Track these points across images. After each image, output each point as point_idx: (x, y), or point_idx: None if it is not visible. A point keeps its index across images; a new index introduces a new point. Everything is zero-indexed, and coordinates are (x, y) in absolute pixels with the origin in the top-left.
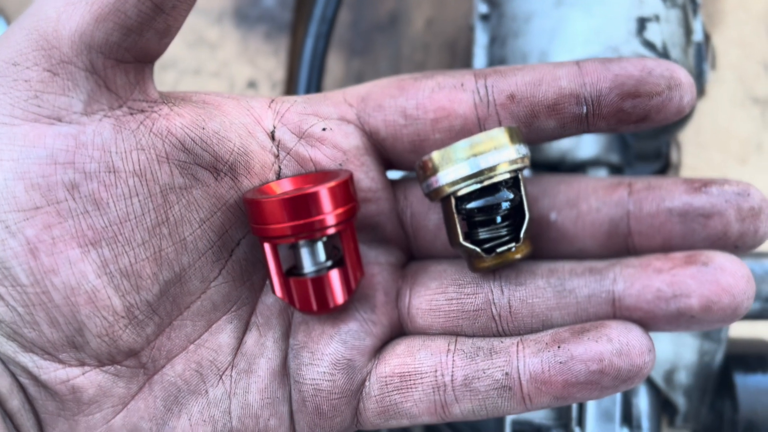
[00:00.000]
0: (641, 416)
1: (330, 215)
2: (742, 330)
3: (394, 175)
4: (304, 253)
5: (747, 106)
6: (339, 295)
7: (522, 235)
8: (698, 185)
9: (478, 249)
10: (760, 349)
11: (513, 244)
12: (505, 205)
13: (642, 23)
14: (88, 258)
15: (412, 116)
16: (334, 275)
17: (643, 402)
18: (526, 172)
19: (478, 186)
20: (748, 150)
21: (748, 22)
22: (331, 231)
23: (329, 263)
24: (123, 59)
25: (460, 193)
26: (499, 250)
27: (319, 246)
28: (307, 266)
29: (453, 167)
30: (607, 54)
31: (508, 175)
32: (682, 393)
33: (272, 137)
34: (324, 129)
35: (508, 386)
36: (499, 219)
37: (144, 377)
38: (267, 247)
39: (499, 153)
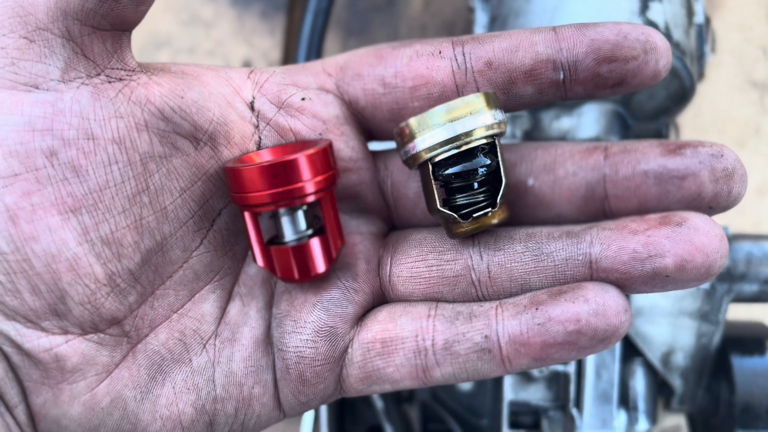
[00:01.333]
0: (638, 398)
1: (309, 183)
2: (739, 313)
3: (376, 146)
4: (285, 222)
5: (746, 90)
6: (320, 263)
7: (498, 200)
8: (673, 147)
9: (455, 215)
10: (757, 331)
11: (489, 210)
12: (482, 170)
13: (645, 2)
14: (69, 225)
15: (390, 84)
16: (315, 243)
17: (640, 384)
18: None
19: (455, 151)
20: (746, 134)
21: (748, 6)
22: (311, 199)
23: (310, 231)
24: (100, 26)
25: (437, 159)
26: (475, 215)
27: (300, 214)
28: (288, 235)
29: (430, 133)
30: None
31: (484, 141)
32: (679, 375)
33: (251, 107)
34: (303, 99)
35: (488, 349)
36: (476, 185)
37: (128, 346)
38: (247, 215)
39: (475, 118)
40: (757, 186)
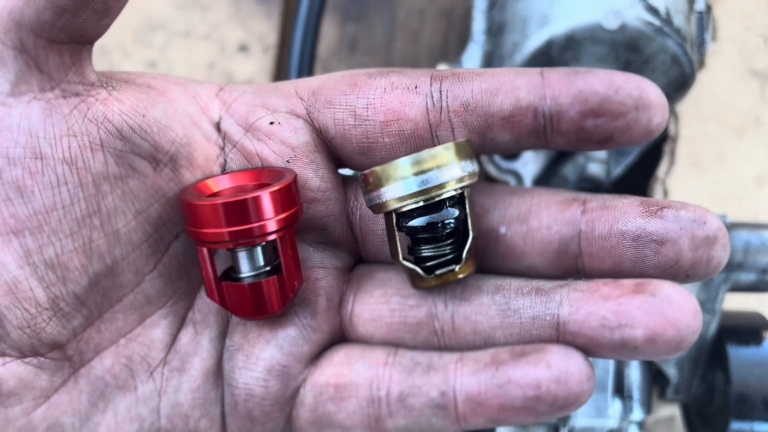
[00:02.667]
0: (633, 387)
1: (271, 221)
2: (736, 302)
3: (348, 171)
4: (242, 257)
5: (746, 79)
6: (275, 303)
7: (464, 255)
8: (654, 209)
9: (418, 269)
10: (754, 321)
11: (455, 265)
12: (449, 222)
13: None
14: (9, 247)
15: (361, 116)
16: (271, 283)
17: (634, 373)
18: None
19: (422, 204)
20: (746, 123)
21: None
22: (273, 237)
23: (268, 268)
24: (56, 39)
25: (402, 210)
26: (439, 271)
27: (258, 251)
28: (245, 270)
29: (395, 184)
30: (610, 18)
31: (453, 193)
32: (675, 364)
33: (218, 128)
34: (272, 123)
35: (444, 405)
36: (442, 236)
37: (69, 370)
38: (203, 251)
39: (443, 172)
40: (757, 176)
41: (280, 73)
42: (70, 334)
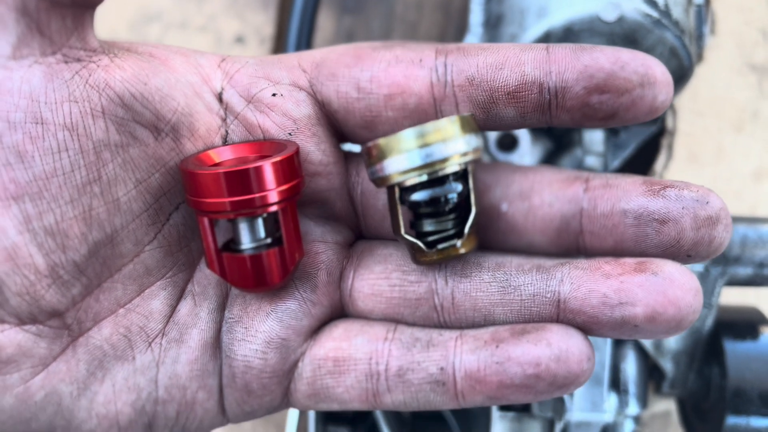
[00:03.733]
0: (629, 381)
1: (273, 192)
2: (732, 297)
3: (349, 147)
4: (243, 229)
5: (744, 73)
6: (275, 275)
7: (466, 230)
8: (657, 188)
9: (419, 243)
10: (750, 316)
11: (456, 240)
12: (452, 197)
13: None
14: (9, 213)
15: (365, 89)
16: (272, 255)
17: (631, 367)
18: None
19: (425, 178)
20: (744, 117)
21: None
22: (274, 209)
23: (269, 240)
24: (59, 2)
25: (405, 184)
26: (441, 246)
27: (259, 222)
28: (245, 242)
29: (399, 157)
30: (608, 10)
31: (456, 168)
32: (671, 358)
33: (220, 99)
34: (274, 95)
35: (442, 381)
36: (445, 211)
37: (68, 339)
38: (204, 221)
39: (447, 145)
40: (754, 170)
41: None
42: (69, 302)
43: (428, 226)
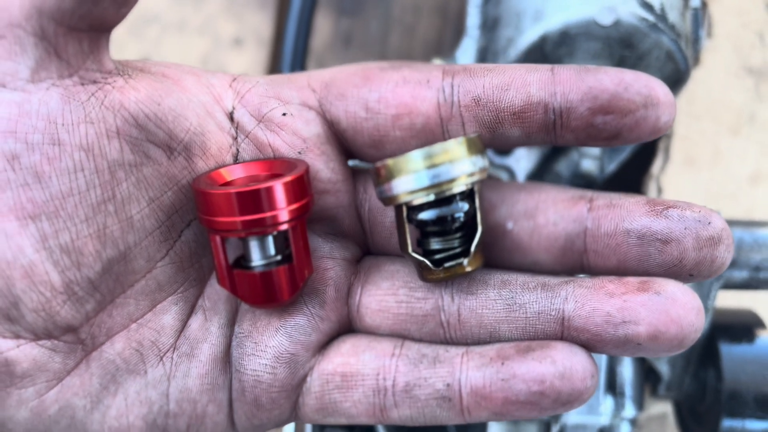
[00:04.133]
0: (625, 384)
1: (283, 211)
2: (728, 300)
3: (354, 164)
4: (254, 246)
5: (741, 77)
6: (284, 292)
7: (473, 249)
8: (660, 208)
9: (426, 261)
10: (746, 319)
11: (463, 259)
12: (459, 216)
13: None
14: (26, 231)
15: (373, 110)
16: (282, 272)
17: (627, 370)
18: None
19: (432, 197)
20: (740, 120)
21: None
22: (284, 227)
23: (278, 258)
24: (76, 27)
25: (413, 204)
26: (447, 264)
27: (269, 240)
28: (256, 259)
29: (407, 177)
30: (604, 14)
31: (463, 188)
32: (667, 361)
33: (231, 118)
34: (284, 114)
35: (448, 397)
36: (452, 230)
37: (82, 353)
38: (215, 238)
39: (454, 166)
40: (751, 174)
41: (274, 66)
42: (83, 317)
43: (435, 244)
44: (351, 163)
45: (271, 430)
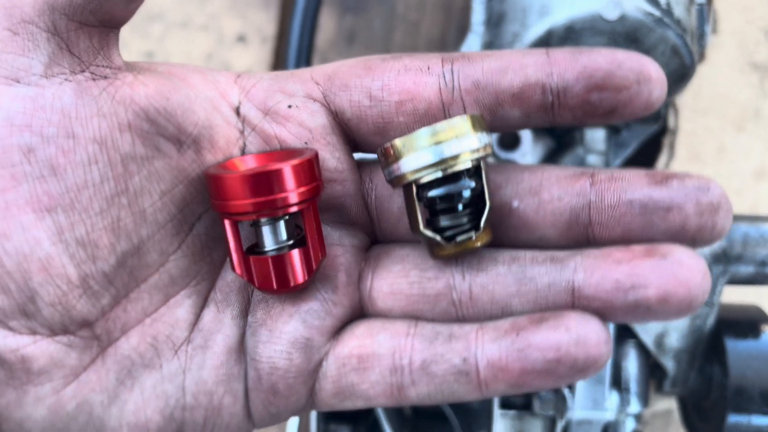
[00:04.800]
0: (630, 380)
1: (293, 193)
2: (734, 295)
3: (359, 156)
4: (266, 231)
5: (746, 72)
6: (300, 274)
7: (482, 223)
8: (660, 178)
9: (438, 237)
10: (751, 314)
11: (473, 233)
12: (467, 193)
13: None
14: (43, 224)
15: (377, 98)
16: (296, 254)
17: (632, 365)
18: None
19: (440, 174)
20: (745, 116)
21: None
22: (294, 209)
23: (291, 242)
24: (87, 22)
25: (421, 181)
26: (458, 238)
27: (281, 224)
28: (269, 244)
29: (415, 155)
30: (609, 8)
31: (470, 164)
32: (672, 357)
33: (237, 112)
34: (290, 106)
35: (465, 371)
36: (460, 207)
37: (97, 349)
38: (227, 223)
39: (460, 141)
40: (756, 169)
41: (278, 64)
42: (98, 312)
43: (444, 221)
44: (356, 156)
45: (287, 419)
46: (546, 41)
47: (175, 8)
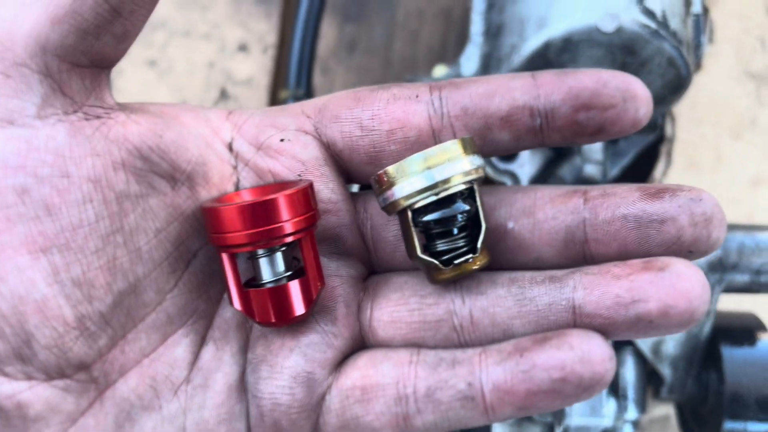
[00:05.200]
0: (628, 386)
1: (288, 223)
2: (729, 303)
3: (352, 188)
4: (263, 263)
5: (743, 81)
6: (299, 305)
7: (479, 245)
8: (652, 192)
9: (436, 261)
10: (747, 322)
11: (470, 256)
12: (461, 216)
13: None
14: (38, 265)
15: (368, 127)
16: (294, 285)
17: (629, 373)
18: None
19: (434, 198)
20: (742, 125)
21: None
22: (291, 239)
23: (289, 273)
24: (79, 63)
25: (416, 206)
26: (456, 261)
27: (278, 256)
28: (266, 276)
29: (408, 180)
30: (606, 21)
31: (463, 187)
32: (669, 364)
33: (230, 148)
34: (282, 140)
35: (471, 396)
36: (456, 230)
37: (95, 392)
38: (224, 257)
39: (453, 165)
40: (752, 177)
41: (280, 72)
42: (95, 354)
43: (441, 245)
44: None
45: None
46: (544, 53)
47: (177, 17)
